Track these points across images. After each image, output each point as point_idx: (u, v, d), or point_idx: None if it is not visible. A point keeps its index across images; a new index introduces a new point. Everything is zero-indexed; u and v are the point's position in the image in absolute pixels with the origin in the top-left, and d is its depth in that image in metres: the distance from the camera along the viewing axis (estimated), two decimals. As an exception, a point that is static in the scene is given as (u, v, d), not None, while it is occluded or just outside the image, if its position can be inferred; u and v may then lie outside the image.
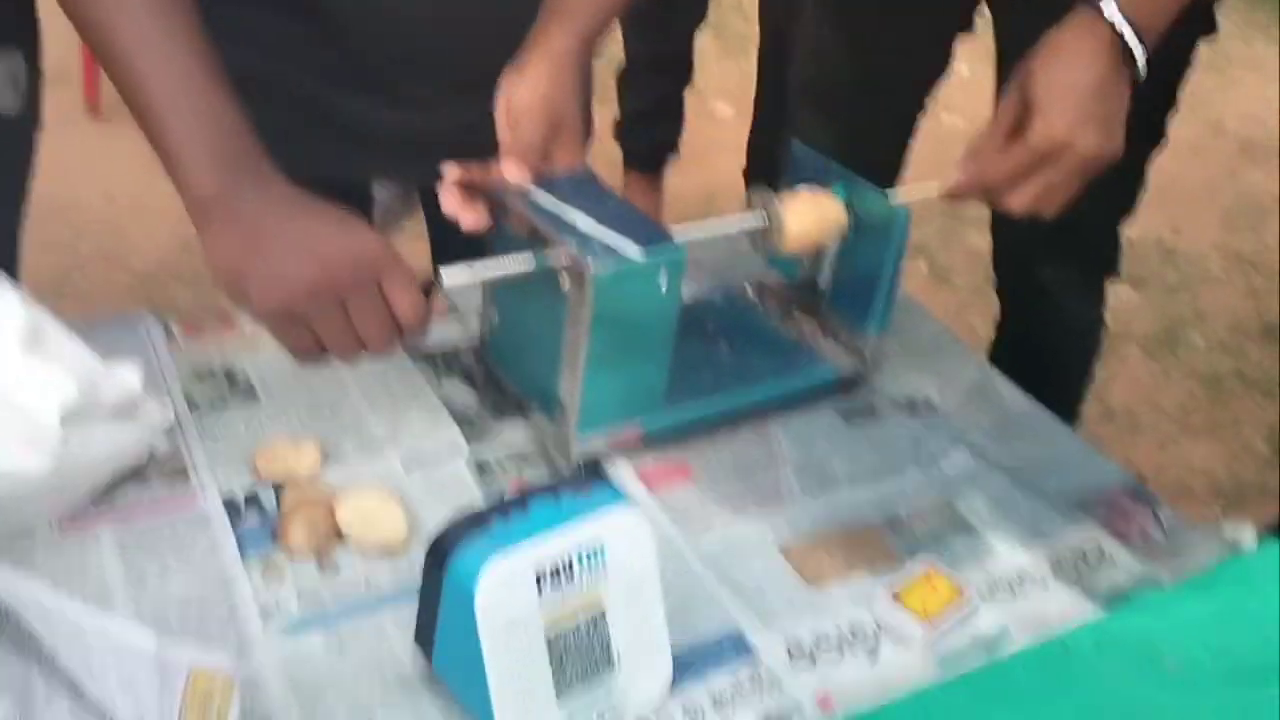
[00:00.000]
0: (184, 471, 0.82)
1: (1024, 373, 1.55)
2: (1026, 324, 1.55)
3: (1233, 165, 3.35)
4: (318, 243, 0.78)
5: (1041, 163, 0.95)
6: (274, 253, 0.77)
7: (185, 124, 0.80)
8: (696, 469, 0.90)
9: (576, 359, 0.82)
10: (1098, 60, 0.96)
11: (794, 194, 0.96)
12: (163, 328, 0.95)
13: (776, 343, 1.01)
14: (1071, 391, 1.61)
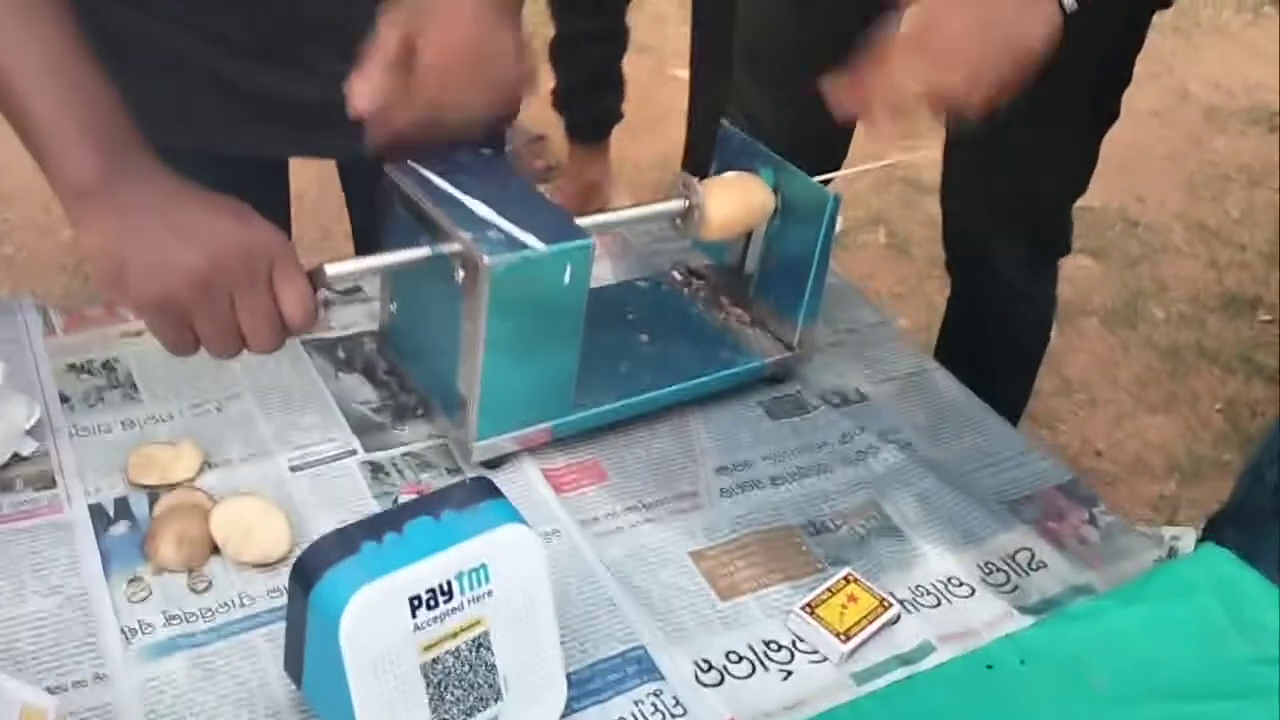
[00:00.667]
0: (50, 476, 0.76)
1: (974, 350, 1.53)
2: (977, 301, 1.51)
3: (1198, 133, 3.31)
4: (205, 231, 0.72)
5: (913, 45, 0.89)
6: (155, 240, 0.71)
7: (53, 108, 0.74)
8: (609, 468, 0.85)
9: (474, 356, 0.77)
10: None
11: (718, 178, 0.91)
12: (41, 316, 0.89)
13: (700, 331, 0.95)
14: (1023, 370, 1.58)
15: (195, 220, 0.72)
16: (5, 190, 2.34)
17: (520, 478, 0.82)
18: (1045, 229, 1.41)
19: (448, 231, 0.75)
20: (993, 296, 1.47)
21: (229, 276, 0.71)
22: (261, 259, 0.72)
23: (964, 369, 1.52)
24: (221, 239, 0.72)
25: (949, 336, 1.60)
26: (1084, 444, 2.16)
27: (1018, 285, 1.44)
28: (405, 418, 0.85)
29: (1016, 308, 1.47)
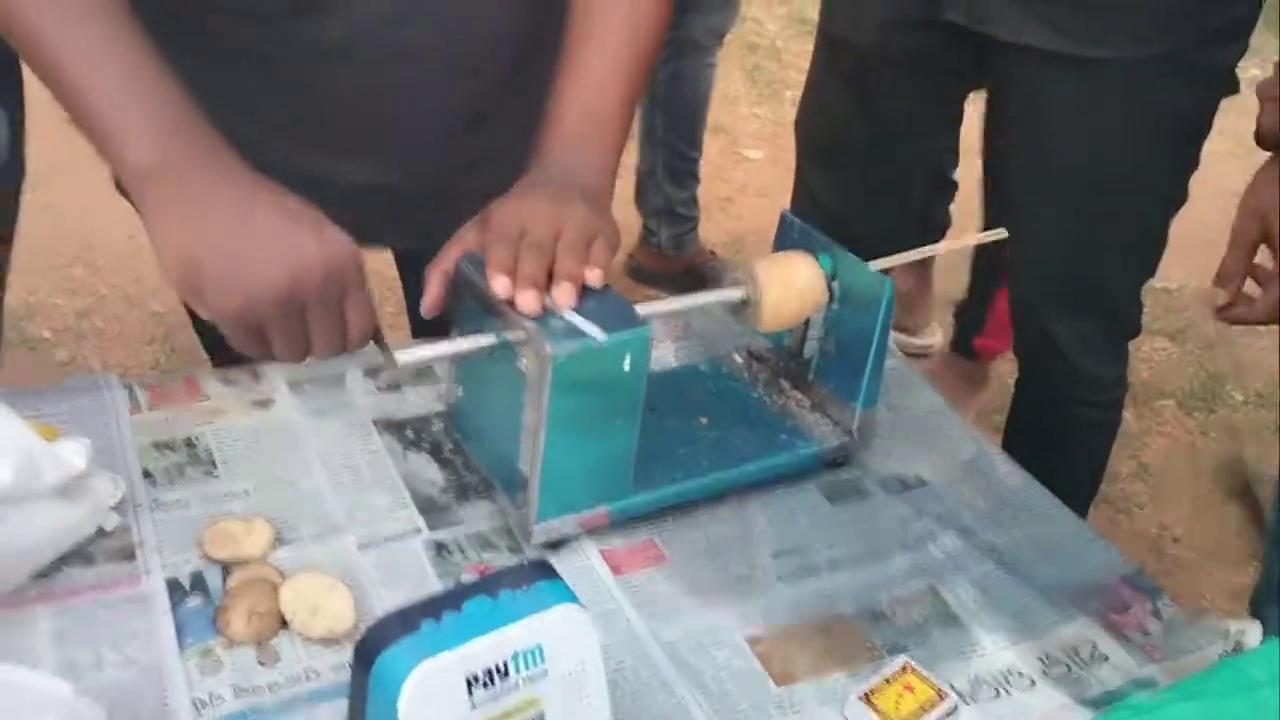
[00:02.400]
0: (131, 549, 0.79)
1: (1043, 435, 1.52)
2: (1045, 385, 1.51)
3: None
4: (285, 245, 0.73)
5: None
6: (235, 250, 0.72)
7: (114, 84, 0.75)
8: (668, 551, 0.86)
9: (536, 440, 0.79)
10: None
11: (774, 263, 0.92)
12: (128, 393, 0.93)
13: (760, 416, 0.97)
14: (1093, 455, 1.56)
15: (275, 231, 0.74)
16: (99, 263, 2.44)
17: (579, 559, 0.84)
18: (1113, 313, 1.41)
19: (513, 321, 0.78)
20: (1061, 380, 1.46)
21: (307, 295, 0.74)
22: (337, 278, 0.75)
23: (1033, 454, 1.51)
24: (301, 255, 0.73)
25: (1018, 420, 1.59)
26: (1162, 529, 2.11)
27: (1086, 369, 1.43)
28: (469, 498, 0.88)
29: (1085, 392, 1.46)
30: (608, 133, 0.91)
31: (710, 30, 2.34)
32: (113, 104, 0.75)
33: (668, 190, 2.50)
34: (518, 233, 0.83)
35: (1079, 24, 1.19)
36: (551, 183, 0.88)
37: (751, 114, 3.57)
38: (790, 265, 0.92)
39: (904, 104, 1.38)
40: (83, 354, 2.28)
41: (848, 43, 1.38)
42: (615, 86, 0.92)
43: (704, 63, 2.39)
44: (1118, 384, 1.49)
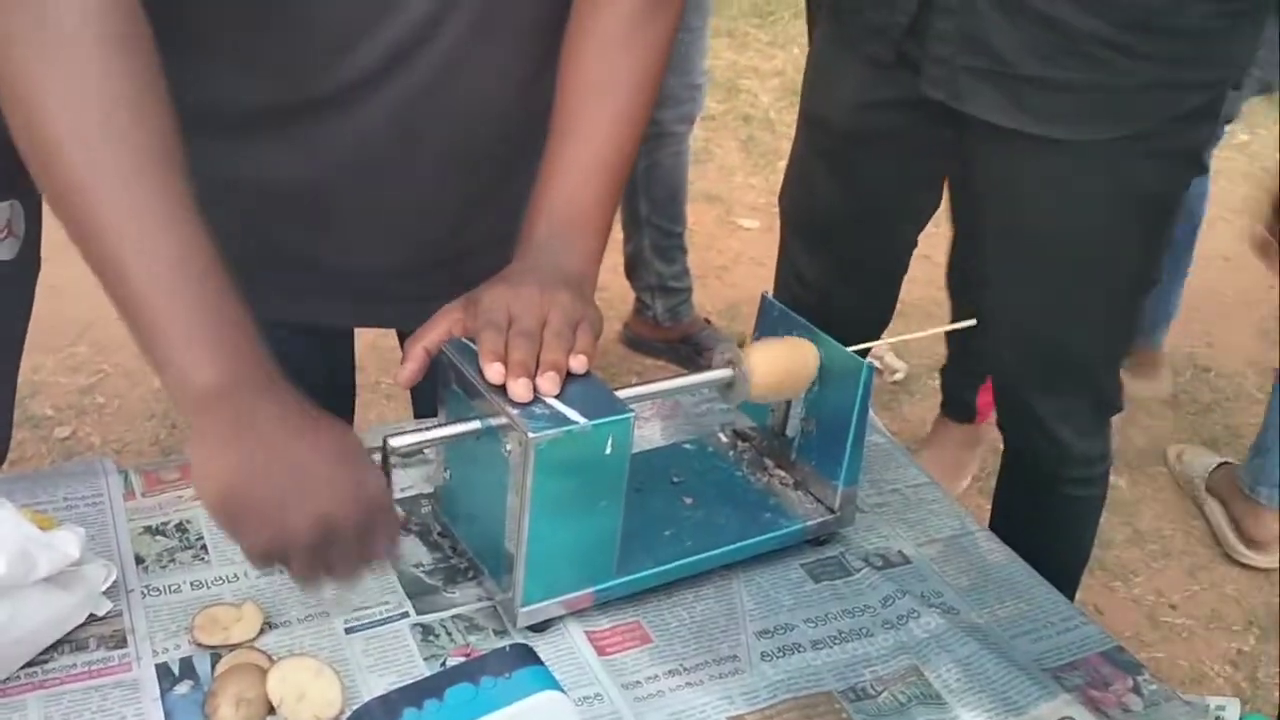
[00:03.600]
0: (122, 635, 0.81)
1: (1029, 510, 1.52)
2: (1028, 459, 1.51)
3: (1269, 277, 3.27)
4: (324, 488, 0.73)
5: None
6: (276, 488, 0.71)
7: (177, 304, 0.74)
8: (653, 631, 0.87)
9: (521, 524, 0.80)
10: None
11: (761, 345, 0.95)
12: (122, 478, 0.95)
13: (743, 494, 0.98)
14: (1079, 529, 1.56)
15: (313, 474, 0.73)
16: (101, 340, 2.47)
17: (564, 641, 0.85)
18: (1093, 388, 1.42)
19: (497, 407, 0.80)
20: (1045, 455, 1.47)
21: (337, 539, 0.73)
22: (368, 520, 0.74)
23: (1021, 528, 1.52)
24: (336, 503, 0.72)
25: (1003, 495, 1.59)
26: (1159, 597, 2.11)
27: (1070, 444, 1.44)
28: (456, 580, 0.89)
29: (1070, 467, 1.47)
30: (591, 224, 0.94)
31: (681, 118, 2.46)
32: (173, 316, 0.73)
33: (658, 267, 2.56)
34: (506, 319, 0.85)
35: (1052, 105, 1.21)
36: (537, 271, 0.90)
37: (746, 184, 3.62)
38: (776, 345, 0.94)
39: (885, 184, 1.40)
40: (84, 430, 2.30)
41: (827, 122, 1.40)
42: (598, 180, 0.94)
43: (679, 148, 2.50)
44: (1102, 458, 1.50)
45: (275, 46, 0.95)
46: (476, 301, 0.88)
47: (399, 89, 0.97)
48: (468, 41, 0.96)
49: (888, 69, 1.29)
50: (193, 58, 0.99)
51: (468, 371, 0.83)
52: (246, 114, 1.00)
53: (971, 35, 1.21)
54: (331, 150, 1.00)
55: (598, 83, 0.96)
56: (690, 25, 2.35)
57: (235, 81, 0.98)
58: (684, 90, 2.41)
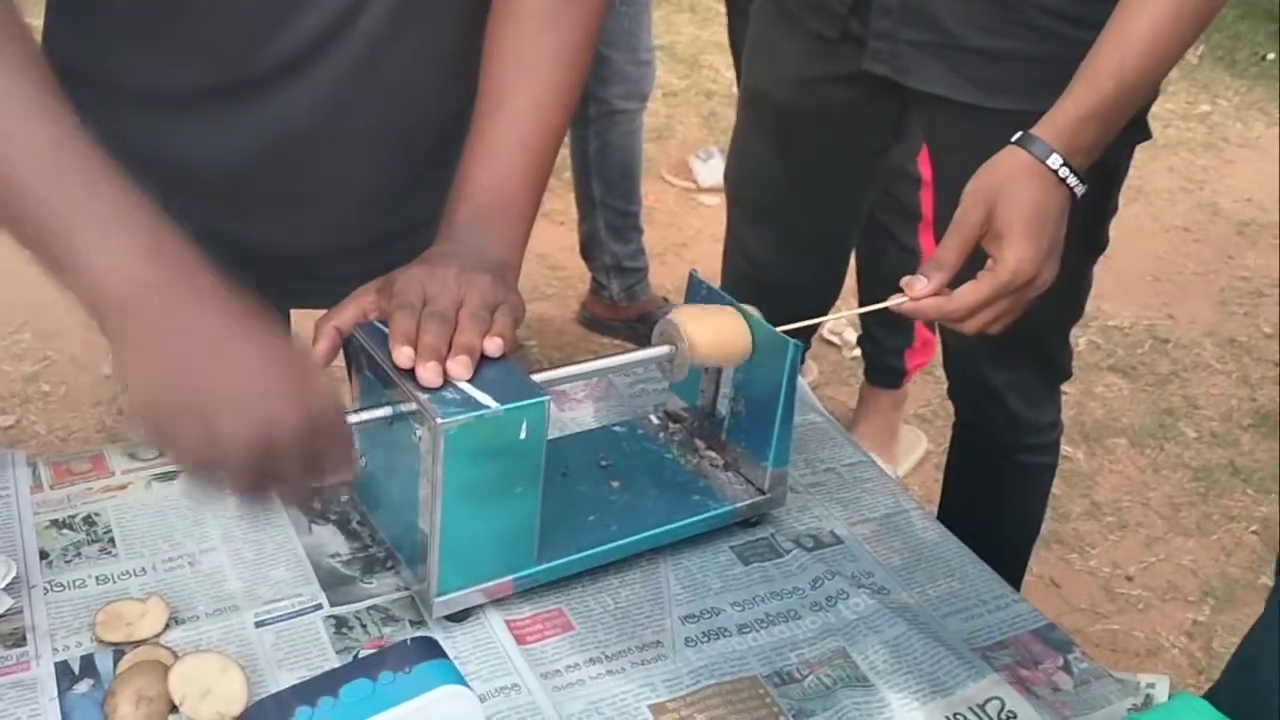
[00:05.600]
0: (21, 633, 0.78)
1: (982, 480, 1.52)
2: (980, 430, 1.51)
3: (1229, 248, 3.30)
4: (265, 402, 0.67)
5: (1004, 291, 1.00)
6: (207, 400, 0.66)
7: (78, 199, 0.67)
8: (575, 618, 0.85)
9: (434, 511, 0.78)
10: (1053, 192, 1.02)
11: (693, 311, 0.92)
12: (31, 471, 0.92)
13: (672, 477, 0.96)
14: (1032, 499, 1.56)
15: (251, 381, 0.67)
16: (47, 328, 2.43)
17: (483, 630, 0.83)
18: (1042, 358, 1.41)
19: (406, 392, 0.78)
20: (995, 425, 1.46)
21: (279, 456, 0.68)
22: (312, 431, 0.69)
23: (973, 498, 1.52)
24: (278, 413, 0.67)
25: (955, 466, 1.59)
26: (1114, 569, 2.11)
27: (1020, 413, 1.43)
28: (374, 570, 0.87)
29: (1022, 437, 1.46)
30: (515, 207, 0.92)
31: (629, 95, 2.42)
32: (74, 222, 0.67)
33: (613, 247, 2.54)
34: (420, 302, 0.83)
35: (997, 77, 1.20)
36: (458, 255, 0.88)
37: (708, 160, 3.59)
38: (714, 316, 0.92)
39: (826, 158, 1.38)
40: (28, 419, 2.26)
41: (768, 98, 1.38)
42: (523, 162, 0.92)
43: (631, 127, 2.47)
44: (1052, 427, 1.49)
45: (192, 31, 0.93)
46: (391, 283, 0.85)
47: (321, 75, 0.95)
48: (388, 27, 0.94)
49: (829, 43, 1.27)
50: (114, 38, 0.97)
51: (378, 355, 0.81)
52: (167, 96, 0.98)
53: (914, 8, 1.20)
54: (255, 134, 0.98)
55: (522, 62, 0.93)
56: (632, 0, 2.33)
57: (156, 64, 0.96)
58: (632, 67, 2.39)
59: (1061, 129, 1.03)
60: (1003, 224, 1.00)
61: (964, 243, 1.02)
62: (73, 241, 0.68)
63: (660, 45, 3.98)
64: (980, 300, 1.01)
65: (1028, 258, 1.00)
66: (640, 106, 2.48)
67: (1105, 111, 1.03)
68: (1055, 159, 1.02)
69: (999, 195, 1.01)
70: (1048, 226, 1.02)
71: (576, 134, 2.51)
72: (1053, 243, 1.03)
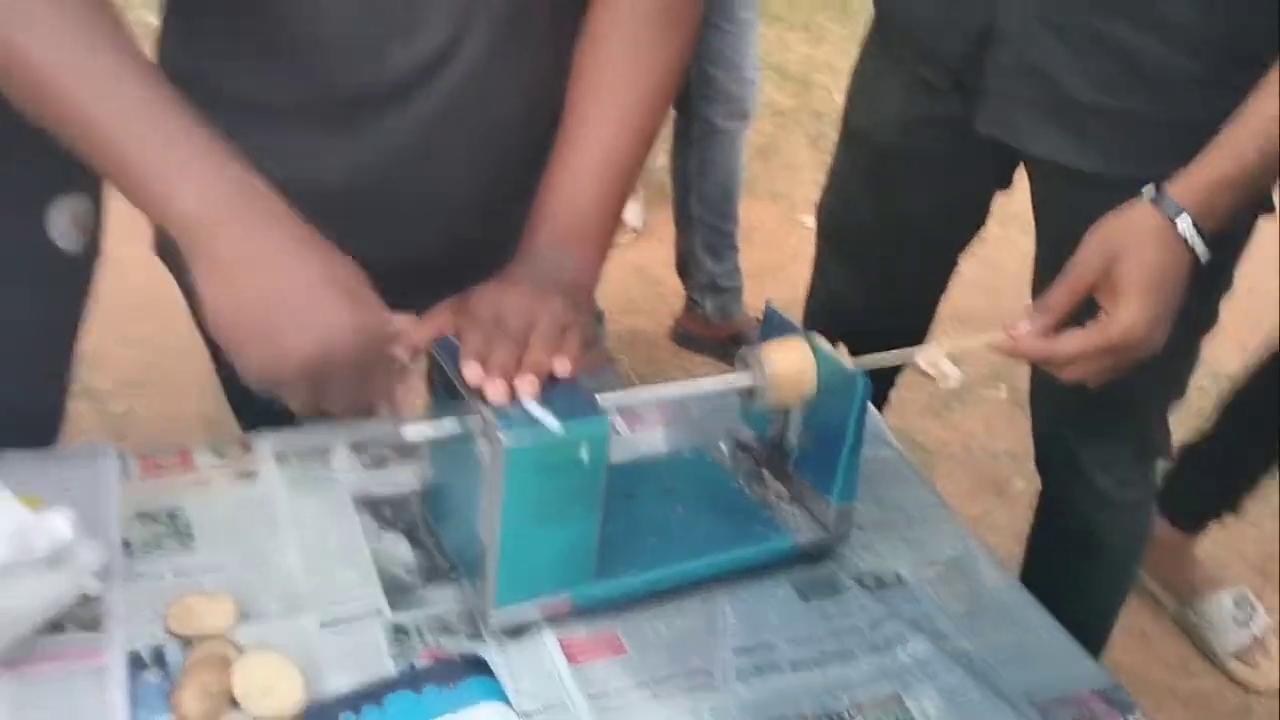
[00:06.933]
0: (99, 618, 0.82)
1: (1063, 557, 1.46)
2: (1065, 504, 1.46)
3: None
4: (322, 316, 0.76)
5: (1112, 349, 0.98)
6: (272, 315, 0.75)
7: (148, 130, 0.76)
8: (628, 642, 0.86)
9: (493, 527, 0.80)
10: (1178, 255, 0.99)
11: (778, 344, 0.92)
12: (121, 463, 0.96)
13: (736, 506, 0.97)
14: (1115, 580, 1.50)
15: (310, 297, 0.76)
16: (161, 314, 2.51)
17: (537, 647, 0.84)
18: (1138, 435, 1.36)
19: (473, 407, 0.80)
20: (1082, 502, 1.41)
21: (333, 365, 0.77)
22: (366, 351, 0.77)
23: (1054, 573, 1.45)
24: (332, 326, 0.76)
25: (1037, 540, 1.54)
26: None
27: (1109, 492, 1.38)
28: (436, 580, 0.89)
29: (1107, 516, 1.41)
30: (591, 232, 0.94)
31: (731, 114, 2.41)
32: (148, 151, 0.75)
33: (709, 266, 2.55)
34: (493, 321, 0.85)
35: (1112, 142, 1.15)
36: (533, 275, 0.90)
37: (813, 180, 3.57)
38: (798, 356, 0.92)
39: (923, 204, 1.34)
40: (139, 405, 2.35)
41: (868, 137, 1.35)
42: (601, 189, 0.94)
43: (731, 146, 2.46)
44: (1142, 505, 1.43)
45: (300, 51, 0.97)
46: (468, 301, 0.87)
47: (423, 100, 0.99)
48: (487, 55, 0.97)
49: (938, 90, 1.23)
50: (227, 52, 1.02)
51: (449, 370, 0.83)
52: (275, 111, 1.02)
53: (1033, 67, 1.14)
54: (356, 154, 1.03)
55: (604, 93, 0.95)
56: (736, 17, 2.32)
57: (266, 80, 1.01)
58: (734, 85, 2.38)
59: (1196, 190, 1.00)
60: (1122, 279, 0.98)
61: (1076, 290, 1.00)
62: (156, 173, 0.76)
63: (771, 63, 3.98)
64: (1084, 351, 0.99)
65: (1142, 319, 0.98)
66: (742, 126, 2.48)
67: (1243, 178, 1.00)
68: (1185, 220, 0.99)
69: (1123, 250, 0.99)
70: (1166, 289, 0.99)
71: (678, 150, 2.53)
72: (1169, 306, 1.00)
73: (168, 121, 0.77)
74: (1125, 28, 1.08)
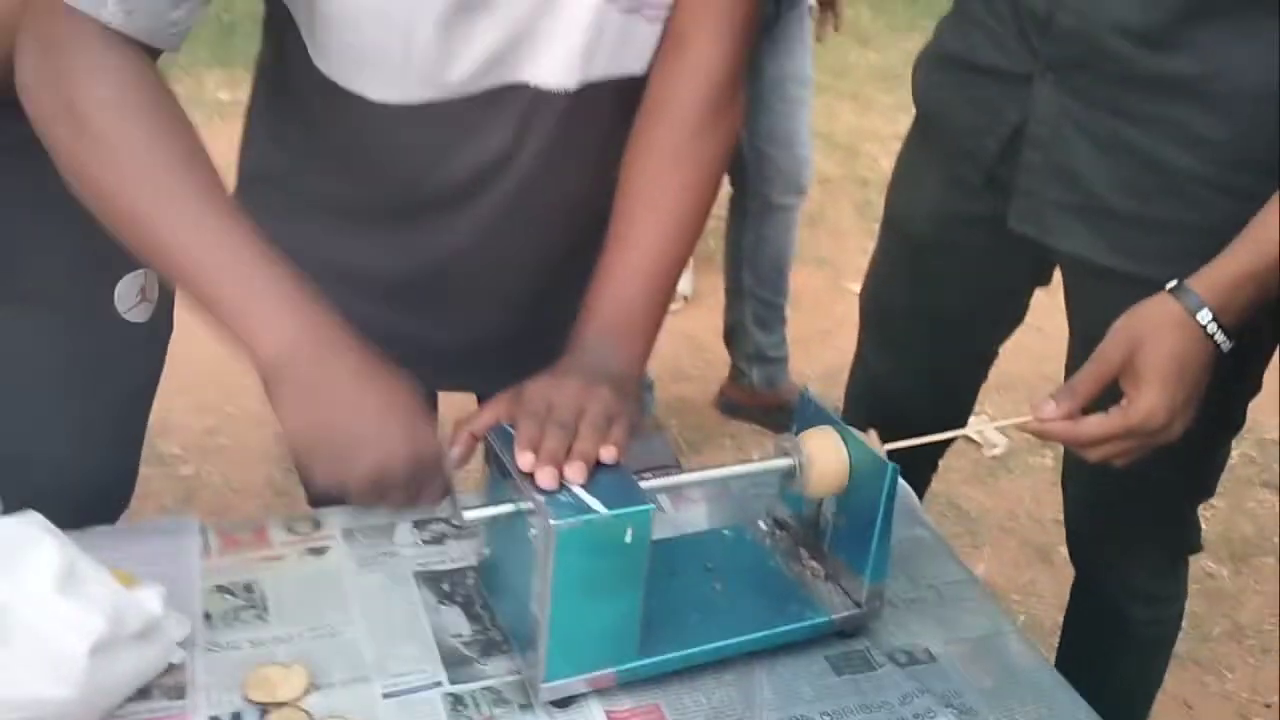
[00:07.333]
0: (183, 687, 0.89)
1: (1095, 645, 1.48)
2: (1096, 595, 1.49)
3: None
4: (383, 443, 0.86)
5: (1133, 433, 1.03)
6: (341, 440, 0.86)
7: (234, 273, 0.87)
8: (670, 713, 0.91)
9: (544, 604, 0.86)
10: (1199, 346, 1.04)
11: (817, 435, 0.98)
12: (202, 538, 1.04)
13: (774, 583, 1.02)
14: (1145, 670, 1.51)
15: (374, 426, 0.87)
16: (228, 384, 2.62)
17: (585, 717, 0.90)
18: (1166, 531, 1.39)
19: (526, 492, 0.86)
20: (1111, 590, 1.44)
21: (389, 483, 0.88)
22: (420, 473, 0.88)
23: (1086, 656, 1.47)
24: (391, 452, 0.87)
25: (1070, 621, 1.56)
26: (1253, 694, 2.04)
27: (1139, 585, 1.41)
28: (491, 652, 0.95)
29: (1138, 607, 1.44)
30: (638, 327, 1.01)
31: (787, 190, 2.48)
32: (232, 292, 0.86)
33: (757, 337, 2.60)
34: (545, 410, 0.91)
35: (1138, 243, 1.18)
36: (583, 368, 0.97)
37: (859, 248, 3.63)
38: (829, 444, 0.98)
39: (961, 297, 1.37)
40: (206, 470, 2.45)
41: (907, 227, 1.39)
42: (646, 286, 1.01)
43: (786, 221, 2.52)
44: (1173, 600, 1.45)
45: (372, 157, 1.06)
46: (521, 392, 0.94)
47: (481, 203, 1.07)
48: (540, 164, 1.05)
49: (973, 186, 1.27)
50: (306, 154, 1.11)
51: (504, 457, 0.89)
52: (346, 210, 1.12)
53: (1062, 168, 1.19)
54: (419, 251, 1.12)
55: (648, 198, 1.03)
56: (790, 96, 2.39)
57: (339, 182, 1.10)
58: (790, 163, 2.44)
59: (1217, 285, 1.04)
60: (1143, 368, 1.03)
61: (1100, 376, 1.05)
62: (237, 307, 0.87)
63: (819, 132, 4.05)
64: (1106, 434, 1.04)
65: (1162, 406, 1.02)
66: (798, 201, 2.54)
67: (1265, 275, 1.04)
68: (1205, 314, 1.03)
69: (1144, 340, 1.04)
70: (1186, 378, 1.04)
71: (733, 225, 2.59)
72: (1190, 395, 1.04)
73: (249, 264, 0.87)
74: (1149, 135, 1.13)
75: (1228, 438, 1.32)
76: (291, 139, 1.12)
